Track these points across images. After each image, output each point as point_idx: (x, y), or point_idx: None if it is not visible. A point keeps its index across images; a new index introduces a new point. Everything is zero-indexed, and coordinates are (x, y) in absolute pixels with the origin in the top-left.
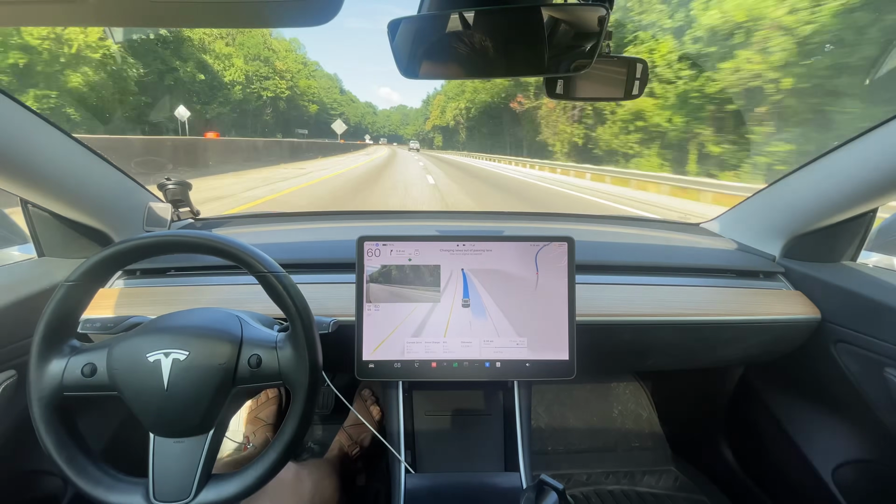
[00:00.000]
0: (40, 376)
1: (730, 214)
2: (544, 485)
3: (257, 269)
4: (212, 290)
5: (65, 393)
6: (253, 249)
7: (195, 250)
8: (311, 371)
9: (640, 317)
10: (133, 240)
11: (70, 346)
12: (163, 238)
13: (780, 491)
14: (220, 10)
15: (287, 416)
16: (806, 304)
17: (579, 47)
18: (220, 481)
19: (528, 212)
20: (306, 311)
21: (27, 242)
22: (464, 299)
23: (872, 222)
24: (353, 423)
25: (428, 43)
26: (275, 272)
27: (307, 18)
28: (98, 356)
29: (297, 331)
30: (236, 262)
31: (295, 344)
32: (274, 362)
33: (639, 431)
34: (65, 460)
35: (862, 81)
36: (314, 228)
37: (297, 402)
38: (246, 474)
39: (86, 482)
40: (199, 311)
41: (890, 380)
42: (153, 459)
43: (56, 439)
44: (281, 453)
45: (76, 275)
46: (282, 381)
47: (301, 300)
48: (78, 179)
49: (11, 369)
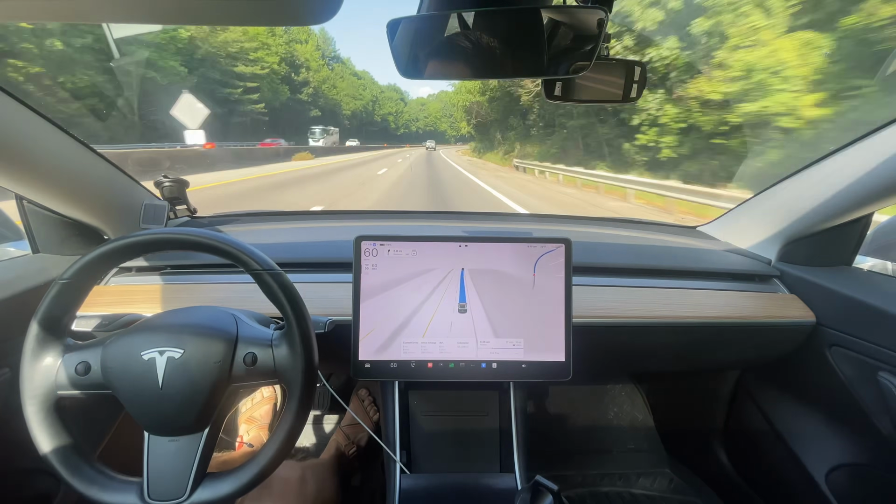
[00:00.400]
0: (33, 375)
1: (726, 218)
2: (540, 486)
3: (252, 267)
4: (208, 289)
5: (58, 392)
6: (248, 247)
7: (190, 248)
8: (306, 369)
9: (637, 319)
10: (128, 237)
11: (64, 345)
12: (158, 236)
13: (774, 494)
14: (220, 8)
15: (282, 415)
16: (801, 307)
17: (578, 49)
18: (215, 480)
19: (525, 213)
20: (301, 310)
21: (22, 239)
22: (460, 300)
23: (868, 227)
24: (349, 423)
25: (427, 43)
26: (270, 270)
27: (307, 17)
28: (92, 354)
29: (292, 329)
30: (232, 259)
31: (290, 342)
32: (269, 360)
33: (634, 433)
34: (58, 460)
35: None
36: (312, 228)
37: (292, 401)
38: (241, 473)
39: (80, 482)
40: (194, 310)
41: (884, 384)
42: (148, 458)
43: (49, 439)
44: (276, 452)
45: (70, 272)
46: (277, 379)
47: (296, 298)
48: (74, 176)
49: (6, 367)
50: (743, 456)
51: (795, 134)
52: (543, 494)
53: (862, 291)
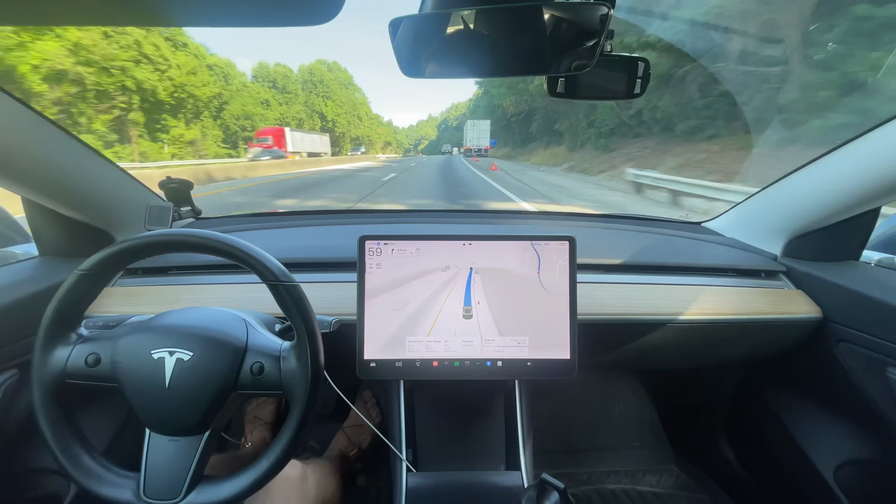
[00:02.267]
0: (44, 361)
1: (732, 213)
2: (546, 484)
3: (269, 279)
4: (214, 289)
5: (67, 380)
6: (268, 257)
7: (210, 252)
8: (311, 385)
9: (642, 316)
10: (154, 235)
11: (77, 335)
12: (180, 237)
13: (781, 490)
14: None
15: (283, 427)
16: (808, 303)
17: (581, 46)
18: (211, 484)
19: (529, 211)
20: (312, 325)
21: (30, 241)
22: (465, 298)
23: (875, 221)
24: (352, 424)
25: (429, 42)
26: (286, 282)
27: (308, 17)
28: (103, 347)
29: (302, 344)
30: (250, 267)
31: (299, 356)
32: (276, 372)
33: (640, 430)
34: (59, 448)
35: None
36: (316, 228)
37: (294, 414)
38: (238, 479)
39: (78, 472)
40: (207, 311)
41: (892, 379)
42: (146, 456)
43: (53, 426)
44: (274, 462)
45: (90, 264)
46: (281, 392)
47: (309, 313)
48: (79, 179)
49: (13, 368)
50: (750, 453)
51: None
52: (550, 492)
53: (869, 286)
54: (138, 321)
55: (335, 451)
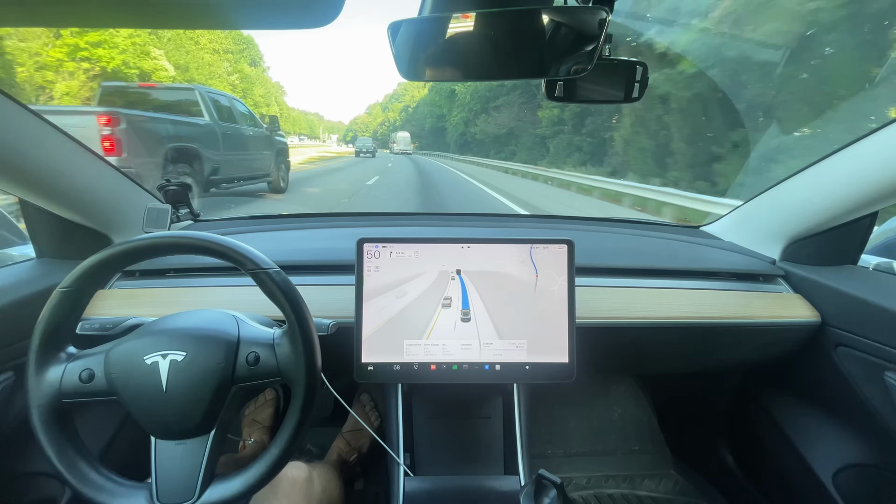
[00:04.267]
0: (39, 383)
1: (730, 217)
2: (543, 480)
3: (249, 267)
4: (211, 292)
5: (63, 399)
6: (245, 247)
7: (186, 251)
8: (309, 367)
9: (640, 319)
10: (123, 244)
11: (67, 353)
12: (154, 240)
13: (780, 495)
14: (220, 12)
15: (287, 414)
16: (806, 307)
17: (579, 50)
18: (223, 481)
19: (528, 214)
20: (301, 308)
21: (27, 243)
22: (463, 301)
23: (873, 225)
24: (351, 428)
25: (428, 45)
26: (267, 269)
27: (308, 20)
28: (95, 361)
29: (293, 327)
30: (230, 260)
31: (292, 339)
32: (272, 359)
33: (639, 435)
34: (67, 467)
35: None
36: (314, 230)
37: (296, 399)
38: (249, 473)
39: (89, 489)
40: (196, 313)
41: (890, 383)
42: (155, 462)
43: (57, 447)
44: (283, 450)
45: (69, 280)
46: (281, 378)
47: (296, 296)
48: (77, 181)
49: (9, 371)
50: (748, 457)
51: None
52: (547, 488)
53: (868, 290)
54: (131, 325)
55: (335, 455)
